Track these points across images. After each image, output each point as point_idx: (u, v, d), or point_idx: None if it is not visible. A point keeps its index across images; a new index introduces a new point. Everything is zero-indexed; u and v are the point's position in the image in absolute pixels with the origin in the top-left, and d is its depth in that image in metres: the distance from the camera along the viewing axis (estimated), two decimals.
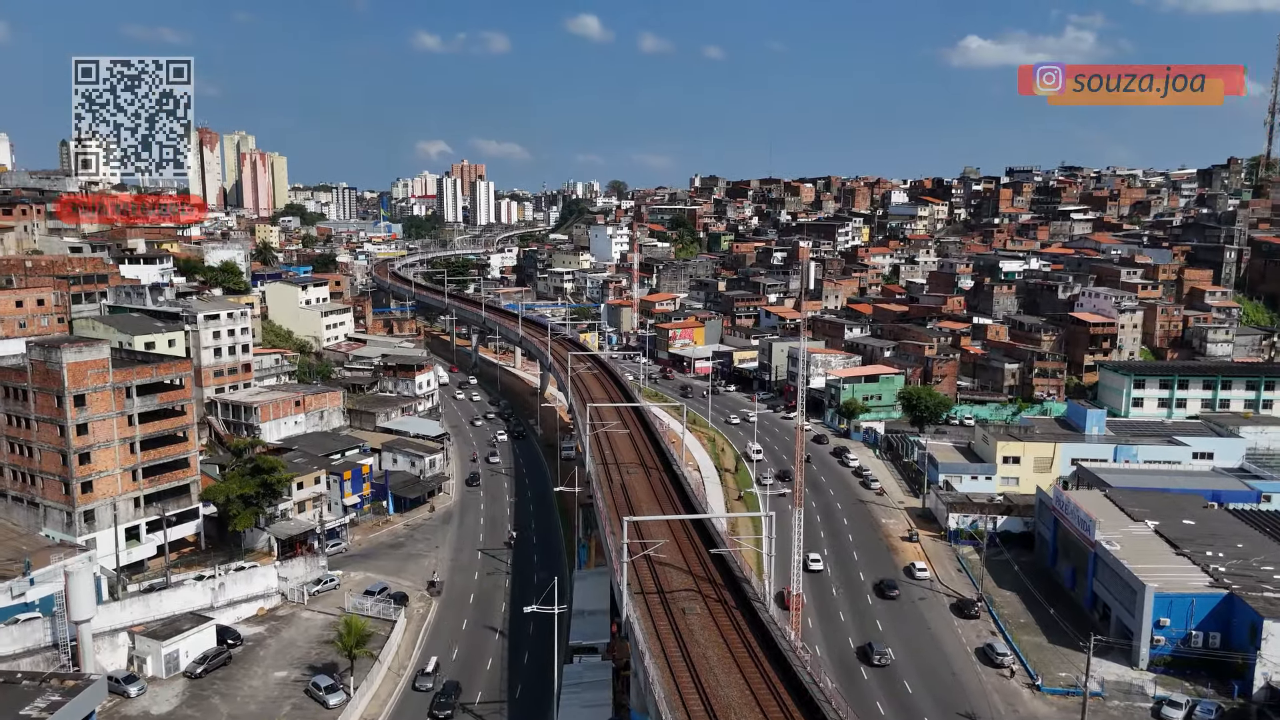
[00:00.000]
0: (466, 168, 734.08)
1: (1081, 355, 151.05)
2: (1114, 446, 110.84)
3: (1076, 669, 69.80)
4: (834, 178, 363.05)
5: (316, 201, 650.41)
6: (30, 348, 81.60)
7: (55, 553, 75.17)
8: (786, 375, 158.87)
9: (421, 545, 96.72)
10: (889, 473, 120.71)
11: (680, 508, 75.03)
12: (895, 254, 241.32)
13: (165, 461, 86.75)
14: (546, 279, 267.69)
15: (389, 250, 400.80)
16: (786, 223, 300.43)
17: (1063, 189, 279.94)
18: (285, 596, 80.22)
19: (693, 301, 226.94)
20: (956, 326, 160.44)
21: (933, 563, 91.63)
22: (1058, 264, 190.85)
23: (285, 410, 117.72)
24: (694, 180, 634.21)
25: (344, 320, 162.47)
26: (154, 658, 67.27)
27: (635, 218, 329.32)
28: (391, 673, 70.14)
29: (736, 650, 50.88)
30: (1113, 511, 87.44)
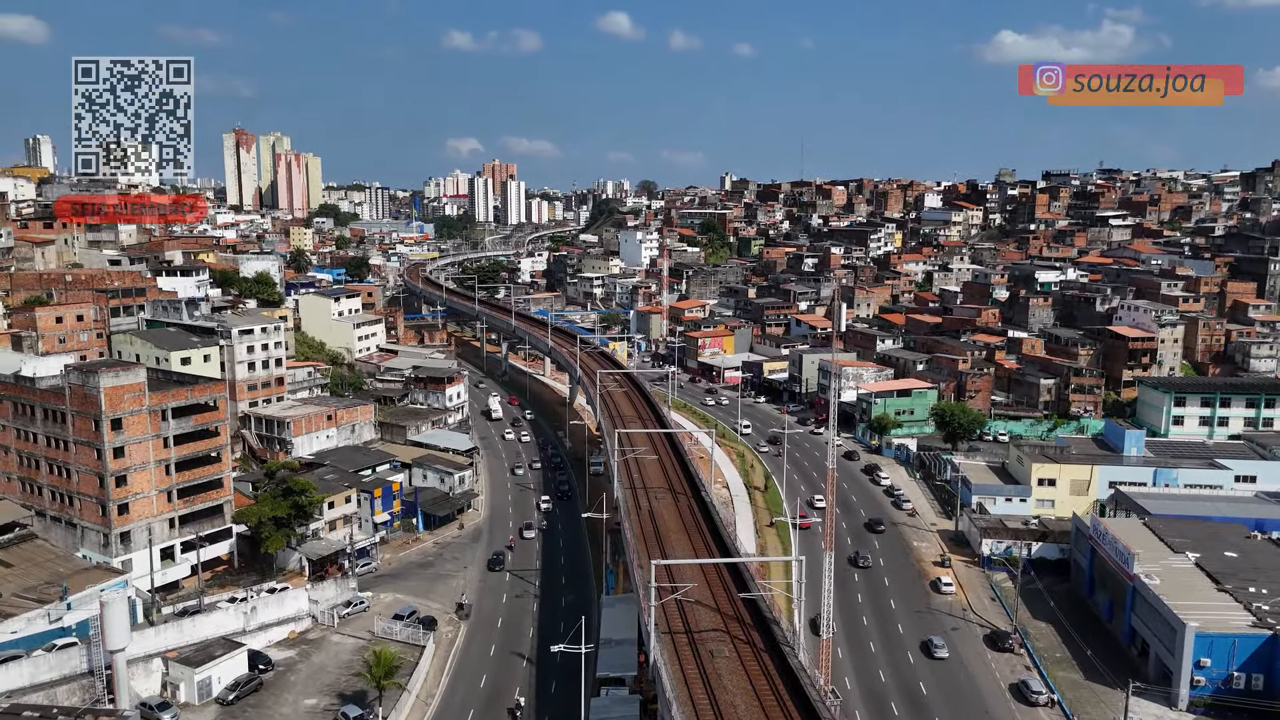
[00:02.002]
0: (498, 167, 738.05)
1: (1120, 370, 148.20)
2: (1153, 469, 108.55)
3: (1114, 709, 68.39)
4: (866, 180, 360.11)
5: (350, 201, 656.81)
6: (68, 371, 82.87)
7: (92, 576, 76.32)
8: (817, 387, 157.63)
9: (450, 565, 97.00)
10: (921, 492, 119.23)
11: (709, 537, 74.48)
12: (928, 261, 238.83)
13: (200, 482, 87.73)
14: (576, 284, 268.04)
15: (421, 252, 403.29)
16: (818, 227, 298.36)
17: (1101, 193, 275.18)
18: (316, 619, 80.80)
19: (722, 309, 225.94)
20: (991, 340, 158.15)
21: (965, 590, 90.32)
22: (1095, 274, 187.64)
23: (318, 425, 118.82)
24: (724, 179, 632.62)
25: (375, 331, 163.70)
26: (187, 684, 68.03)
27: (665, 222, 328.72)
28: (420, 701, 70.34)
29: (765, 699, 50.29)
30: (1152, 542, 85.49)
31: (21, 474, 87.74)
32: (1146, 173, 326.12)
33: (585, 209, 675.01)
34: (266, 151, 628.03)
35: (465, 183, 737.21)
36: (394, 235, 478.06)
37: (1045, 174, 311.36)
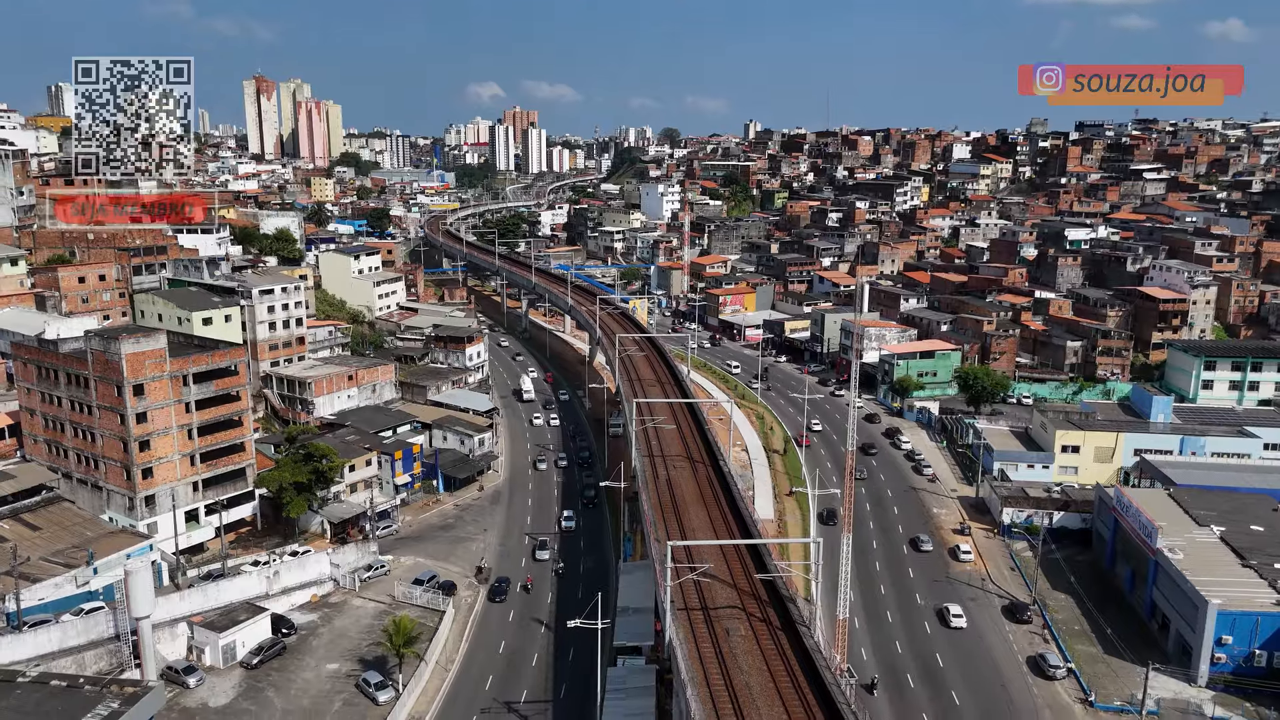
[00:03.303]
0: (519, 114, 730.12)
1: (1149, 332, 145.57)
2: (1180, 437, 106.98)
3: (1132, 684, 68.19)
4: (893, 130, 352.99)
5: (370, 150, 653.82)
6: (90, 337, 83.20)
7: (118, 540, 77.54)
8: (839, 348, 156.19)
9: (470, 527, 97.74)
10: (942, 457, 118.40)
11: (726, 509, 74.25)
12: (956, 216, 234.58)
13: (222, 446, 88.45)
14: (596, 238, 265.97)
15: (441, 202, 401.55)
16: (843, 180, 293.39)
17: (1135, 146, 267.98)
18: (337, 583, 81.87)
19: (744, 264, 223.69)
20: (1017, 300, 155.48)
21: (984, 560, 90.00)
22: (1127, 232, 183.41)
23: (339, 385, 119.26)
24: (748, 127, 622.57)
25: (395, 289, 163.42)
26: (211, 648, 69.30)
27: (687, 174, 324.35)
28: (439, 667, 71.31)
29: (780, 680, 50.30)
30: (1176, 514, 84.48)
31: (47, 436, 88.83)
32: (1183, 123, 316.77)
33: (607, 158, 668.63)
34: (287, 99, 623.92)
35: (486, 130, 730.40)
36: (415, 185, 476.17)
37: (1078, 125, 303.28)
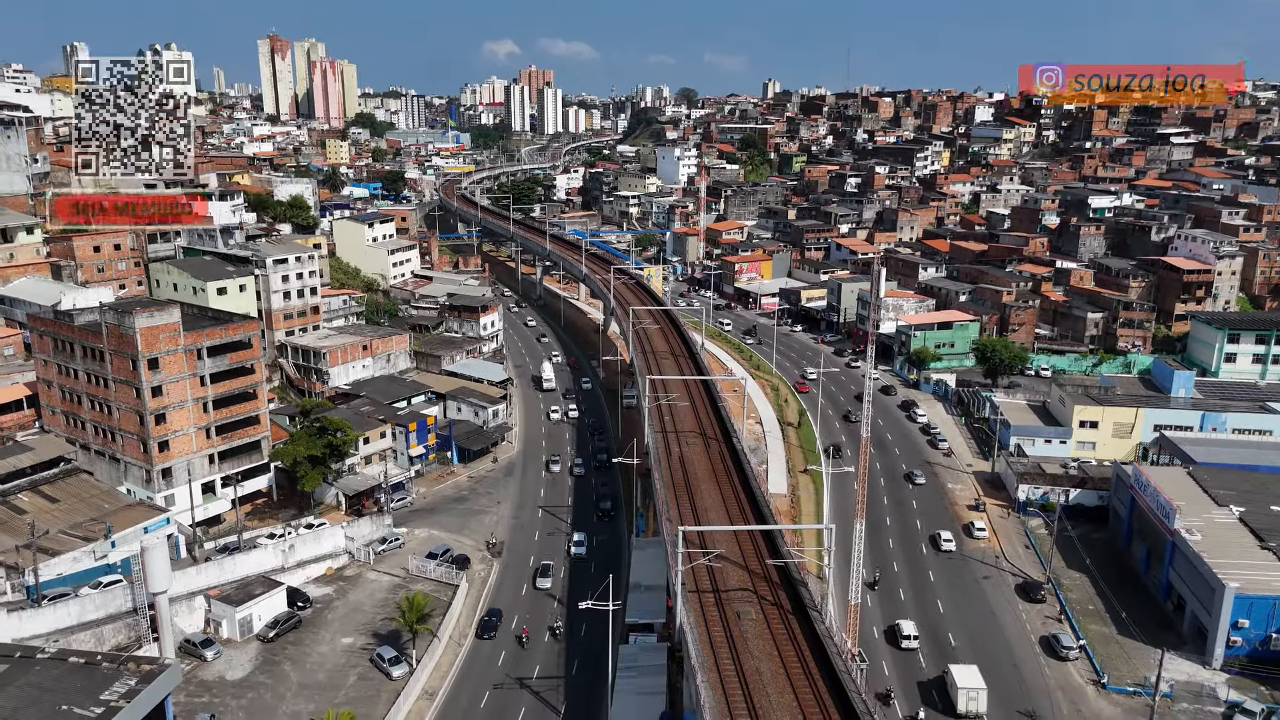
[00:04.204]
0: (534, 74, 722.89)
1: (1172, 304, 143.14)
2: (1200, 413, 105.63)
3: (1145, 666, 67.87)
4: (914, 91, 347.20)
5: (386, 110, 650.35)
6: (104, 311, 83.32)
7: (135, 513, 78.28)
8: (855, 318, 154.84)
9: (484, 500, 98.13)
10: (958, 430, 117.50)
11: (739, 487, 74.05)
12: (977, 181, 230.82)
13: (237, 419, 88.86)
14: (612, 203, 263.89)
15: (456, 164, 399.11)
16: (862, 143, 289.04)
17: (1163, 109, 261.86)
18: (352, 555, 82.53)
19: (761, 230, 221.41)
20: (1038, 270, 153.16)
21: (999, 537, 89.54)
22: (1152, 199, 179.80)
23: (353, 355, 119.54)
24: (767, 86, 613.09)
25: (410, 257, 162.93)
26: (228, 622, 70.14)
27: (704, 138, 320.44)
28: (453, 642, 71.93)
29: (790, 666, 50.30)
30: (1195, 493, 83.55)
31: (65, 408, 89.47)
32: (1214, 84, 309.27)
33: (623, 118, 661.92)
34: (301, 58, 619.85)
35: (501, 90, 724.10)
36: (430, 146, 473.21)
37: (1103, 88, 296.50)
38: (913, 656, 69.80)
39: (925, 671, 68.04)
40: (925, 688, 66.02)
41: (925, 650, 70.59)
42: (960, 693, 62.51)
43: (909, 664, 69.07)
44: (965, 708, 62.27)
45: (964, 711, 62.27)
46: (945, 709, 63.32)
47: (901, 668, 68.51)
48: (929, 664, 69.01)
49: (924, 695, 65.26)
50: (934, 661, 69.15)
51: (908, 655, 69.81)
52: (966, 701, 62.34)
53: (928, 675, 67.37)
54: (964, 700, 62.38)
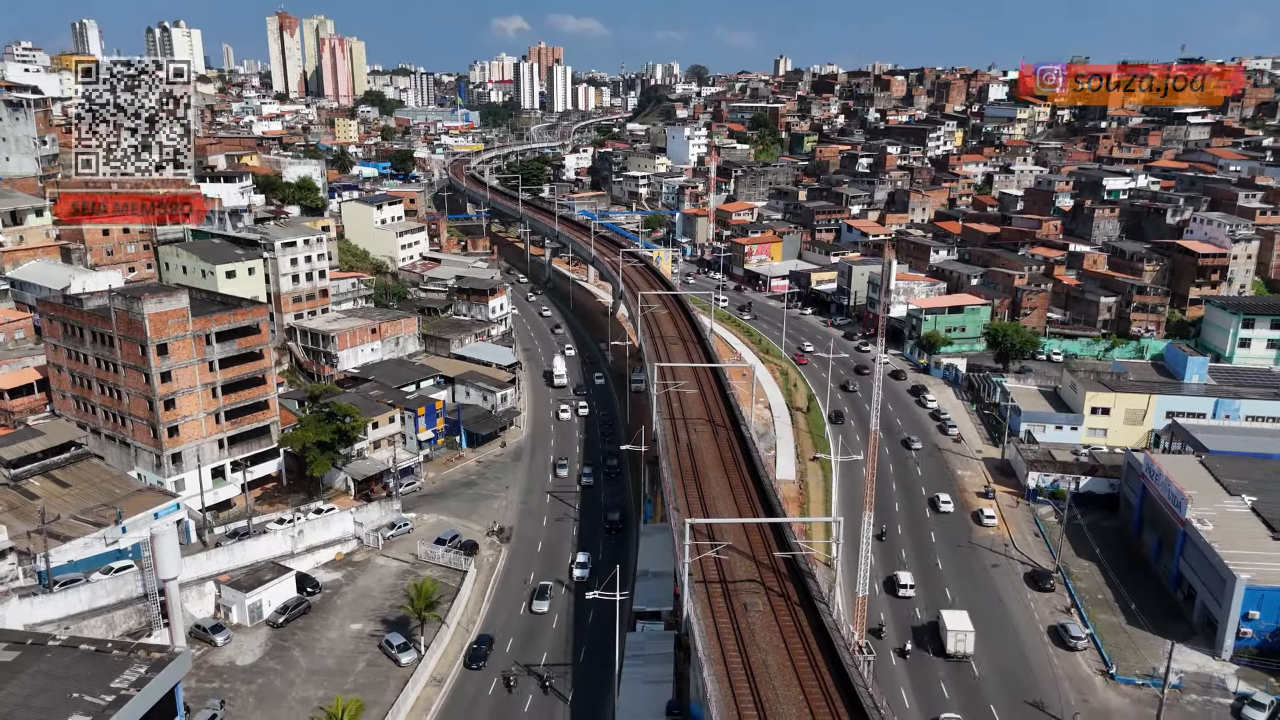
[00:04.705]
0: (544, 50, 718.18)
1: (1187, 288, 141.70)
2: (1214, 400, 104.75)
3: (1154, 657, 67.67)
4: (927, 70, 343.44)
5: (395, 87, 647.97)
6: (113, 296, 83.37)
7: (146, 498, 78.69)
8: (866, 301, 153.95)
9: (493, 485, 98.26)
10: (968, 416, 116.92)
11: (746, 475, 73.97)
12: (990, 162, 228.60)
13: (246, 404, 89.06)
14: (621, 183, 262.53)
15: (466, 143, 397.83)
16: (874, 123, 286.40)
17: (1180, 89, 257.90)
18: (361, 541, 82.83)
19: (771, 211, 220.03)
20: (1050, 254, 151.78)
21: (1008, 524, 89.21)
22: (1168, 181, 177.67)
23: (362, 338, 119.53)
24: (778, 63, 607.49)
25: (418, 239, 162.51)
26: (238, 607, 70.55)
27: (714, 117, 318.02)
28: (461, 629, 72.23)
29: (797, 658, 50.34)
30: (1207, 482, 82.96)
31: (75, 393, 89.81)
32: (1231, 62, 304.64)
33: (633, 95, 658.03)
34: (310, 36, 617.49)
35: (510, 67, 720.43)
36: (439, 125, 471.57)
37: (1121, 64, 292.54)
38: (909, 604, 75.04)
39: (920, 618, 72.97)
40: (919, 632, 71.21)
41: (921, 600, 75.44)
42: (950, 635, 67.45)
43: (905, 610, 74.30)
44: (954, 648, 67.34)
45: (952, 652, 67.30)
46: (936, 651, 68.41)
47: (898, 613, 73.40)
48: (924, 612, 73.15)
49: (918, 639, 70.31)
50: (929, 609, 73.80)
51: (905, 602, 75.16)
52: (955, 643, 67.38)
53: (922, 621, 72.61)
54: (953, 641, 67.38)
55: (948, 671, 67.16)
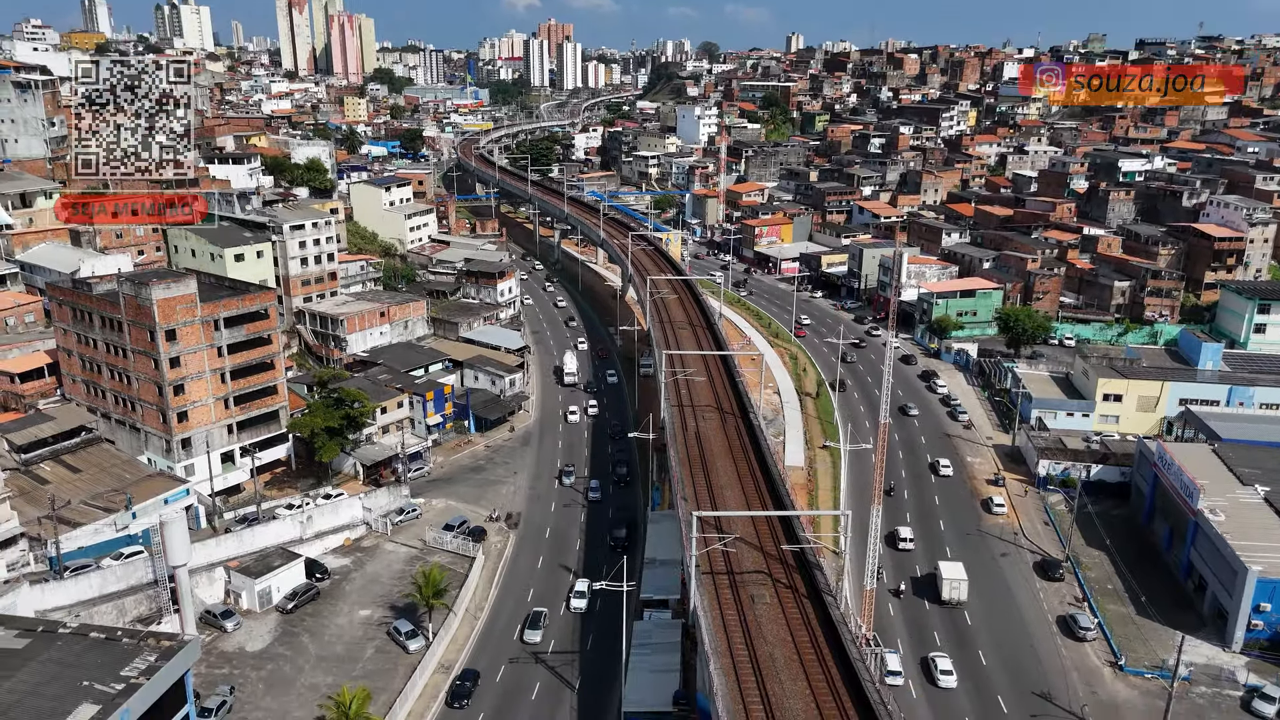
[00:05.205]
0: (554, 27, 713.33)
1: (1202, 272, 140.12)
2: (1228, 387, 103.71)
3: (1163, 648, 67.39)
4: (941, 47, 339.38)
5: (404, 65, 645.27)
6: (121, 282, 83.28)
7: (156, 484, 78.95)
8: (877, 284, 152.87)
9: (501, 470, 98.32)
10: (979, 402, 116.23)
11: (754, 463, 73.60)
12: (1004, 142, 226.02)
13: (255, 389, 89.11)
14: (631, 163, 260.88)
15: (475, 121, 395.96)
16: (887, 102, 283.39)
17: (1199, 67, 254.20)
18: (370, 526, 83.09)
19: (782, 192, 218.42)
20: (1064, 237, 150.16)
21: (1018, 513, 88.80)
22: (1185, 163, 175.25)
23: (371, 321, 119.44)
24: (790, 40, 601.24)
25: (427, 221, 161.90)
26: (248, 593, 70.92)
27: (725, 96, 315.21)
28: (469, 615, 72.43)
29: (804, 651, 50.15)
30: (1220, 471, 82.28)
31: (85, 377, 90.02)
32: (1251, 39, 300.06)
33: (643, 73, 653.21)
34: (319, 12, 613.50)
35: (520, 44, 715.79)
36: (448, 103, 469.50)
37: (1139, 42, 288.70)
38: (909, 556, 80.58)
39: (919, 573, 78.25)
40: (918, 582, 76.96)
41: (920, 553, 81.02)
42: (945, 583, 73.16)
43: (906, 562, 79.77)
44: (949, 595, 72.98)
45: (947, 598, 73.00)
46: (933, 599, 74.05)
47: (897, 564, 78.97)
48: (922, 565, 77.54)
49: (916, 588, 76.04)
50: (927, 563, 79.26)
51: (905, 555, 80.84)
52: (950, 590, 73.01)
53: (920, 572, 78.21)
54: (948, 589, 73.01)
55: (956, 656, 67.16)
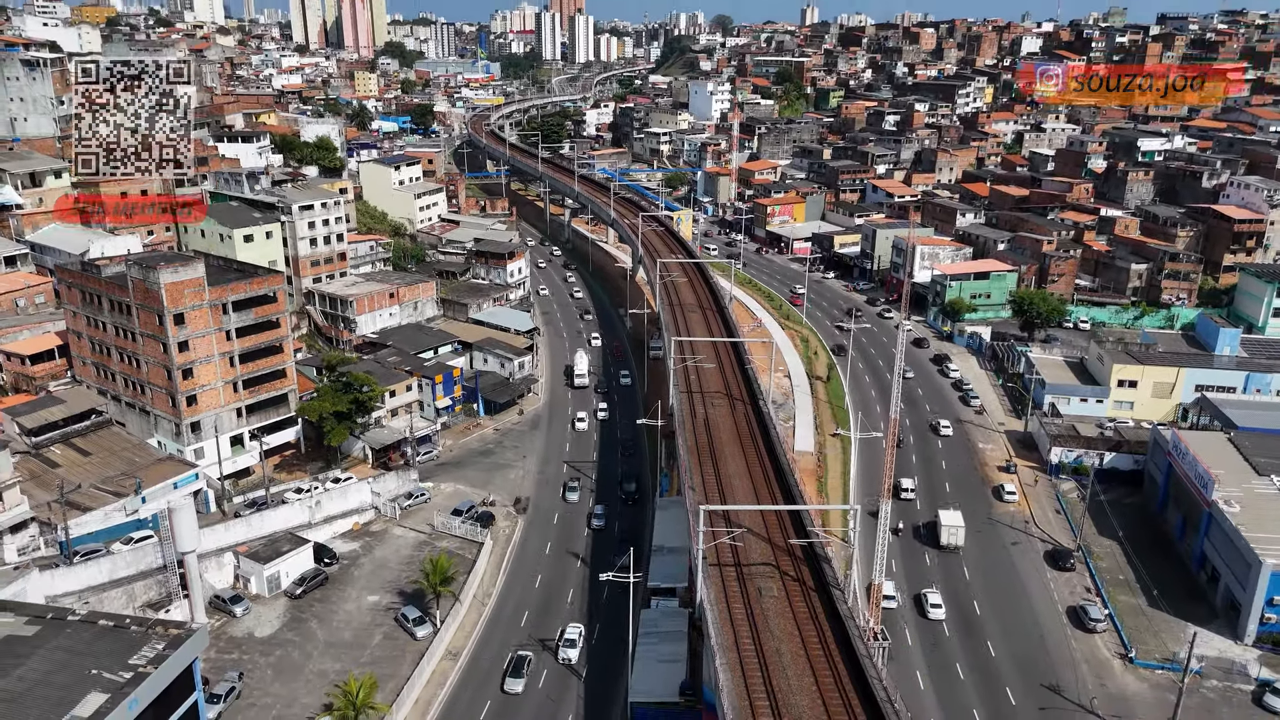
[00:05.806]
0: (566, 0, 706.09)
1: (1221, 254, 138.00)
2: (1245, 374, 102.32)
3: (1175, 640, 66.90)
4: (958, 21, 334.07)
5: (415, 38, 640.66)
6: (129, 265, 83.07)
7: (165, 468, 79.15)
8: (890, 265, 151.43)
9: (510, 454, 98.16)
10: (991, 387, 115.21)
11: (764, 452, 73.16)
12: (1020, 119, 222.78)
13: (263, 373, 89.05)
14: (642, 140, 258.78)
15: (486, 96, 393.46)
16: (902, 78, 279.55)
17: (1221, 42, 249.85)
18: (378, 511, 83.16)
19: (795, 170, 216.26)
20: (1081, 218, 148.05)
21: (1029, 500, 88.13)
22: (1205, 142, 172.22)
23: (380, 302, 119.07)
24: (805, 13, 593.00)
25: (437, 200, 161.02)
26: (257, 578, 71.20)
27: (738, 71, 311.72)
28: (477, 601, 72.54)
29: (811, 646, 49.91)
30: (1235, 460, 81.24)
31: (95, 360, 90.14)
32: (1276, 14, 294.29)
33: (656, 46, 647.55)
34: None
35: (532, 17, 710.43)
36: (459, 77, 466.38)
37: (1160, 17, 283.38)
38: (910, 506, 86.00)
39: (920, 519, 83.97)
40: (919, 529, 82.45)
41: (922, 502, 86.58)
42: (943, 529, 78.70)
43: (908, 511, 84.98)
44: (946, 540, 78.50)
45: (945, 543, 78.51)
46: (932, 543, 79.74)
47: (899, 510, 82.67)
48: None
49: (917, 534, 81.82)
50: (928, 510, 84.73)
51: (906, 505, 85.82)
52: (948, 536, 78.50)
53: (921, 520, 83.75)
54: (946, 535, 78.58)
55: (963, 645, 67.04)
